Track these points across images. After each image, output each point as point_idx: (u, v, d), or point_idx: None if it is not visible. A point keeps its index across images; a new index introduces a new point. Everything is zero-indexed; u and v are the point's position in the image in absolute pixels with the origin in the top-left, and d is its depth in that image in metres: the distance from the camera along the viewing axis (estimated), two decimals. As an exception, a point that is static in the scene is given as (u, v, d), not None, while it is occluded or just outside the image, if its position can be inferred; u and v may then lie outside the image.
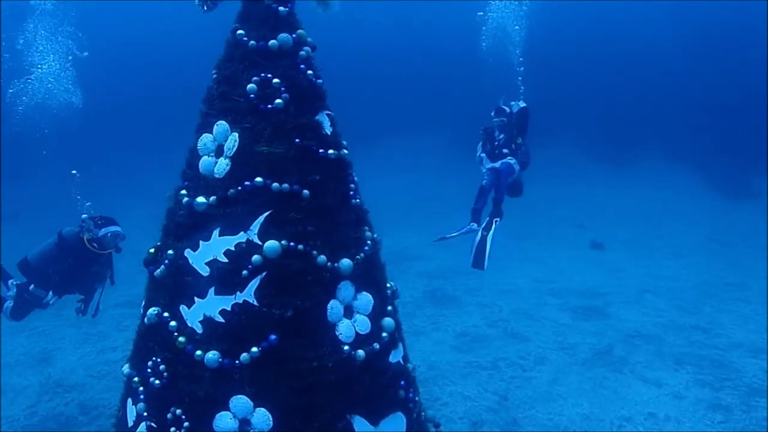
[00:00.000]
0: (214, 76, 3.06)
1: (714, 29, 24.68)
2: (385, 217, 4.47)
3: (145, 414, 2.83)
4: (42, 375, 6.95)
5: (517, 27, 7.55)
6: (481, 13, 7.97)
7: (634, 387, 6.27)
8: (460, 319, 8.53)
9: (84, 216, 5.67)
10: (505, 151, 6.59)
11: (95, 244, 5.57)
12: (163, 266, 2.88)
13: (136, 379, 2.95)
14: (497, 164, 6.60)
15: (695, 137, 20.52)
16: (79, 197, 6.09)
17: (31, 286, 5.58)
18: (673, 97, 23.67)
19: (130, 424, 2.99)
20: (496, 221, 6.42)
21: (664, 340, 7.53)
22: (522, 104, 6.57)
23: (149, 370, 2.84)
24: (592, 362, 6.93)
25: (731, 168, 18.50)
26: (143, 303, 3.16)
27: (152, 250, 3.12)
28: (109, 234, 5.64)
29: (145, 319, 2.93)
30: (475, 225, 6.35)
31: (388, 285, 3.30)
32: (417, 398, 3.31)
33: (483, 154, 6.68)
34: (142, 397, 2.87)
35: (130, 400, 3.04)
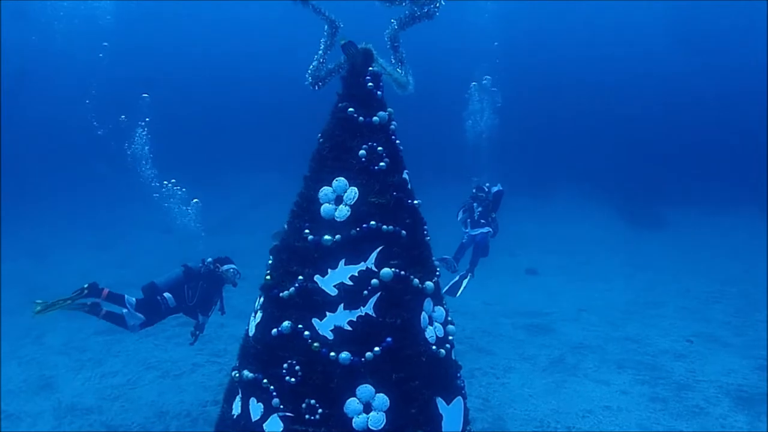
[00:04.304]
0: (321, 140, 3.99)
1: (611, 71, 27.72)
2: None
3: (281, 407, 3.62)
4: (50, 400, 7.22)
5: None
6: None
7: (588, 387, 7.56)
8: (430, 338, 9.56)
9: (209, 259, 6.58)
10: (482, 221, 8.41)
11: (221, 274, 6.52)
12: (293, 288, 3.72)
13: (265, 380, 3.73)
14: (476, 233, 8.44)
15: (606, 173, 23.00)
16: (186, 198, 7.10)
17: (167, 293, 6.29)
18: (583, 134, 26.32)
19: (255, 418, 3.76)
20: (470, 276, 8.46)
21: (605, 350, 8.95)
22: (499, 187, 8.32)
23: (284, 371, 3.64)
24: (551, 369, 8.18)
25: (638, 201, 20.98)
26: (257, 321, 3.96)
27: (268, 278, 3.96)
28: (231, 269, 6.58)
29: (274, 331, 3.73)
30: (458, 276, 8.44)
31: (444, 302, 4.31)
32: (465, 387, 4.31)
33: (468, 220, 8.51)
34: (275, 393, 3.66)
35: (253, 399, 3.80)
